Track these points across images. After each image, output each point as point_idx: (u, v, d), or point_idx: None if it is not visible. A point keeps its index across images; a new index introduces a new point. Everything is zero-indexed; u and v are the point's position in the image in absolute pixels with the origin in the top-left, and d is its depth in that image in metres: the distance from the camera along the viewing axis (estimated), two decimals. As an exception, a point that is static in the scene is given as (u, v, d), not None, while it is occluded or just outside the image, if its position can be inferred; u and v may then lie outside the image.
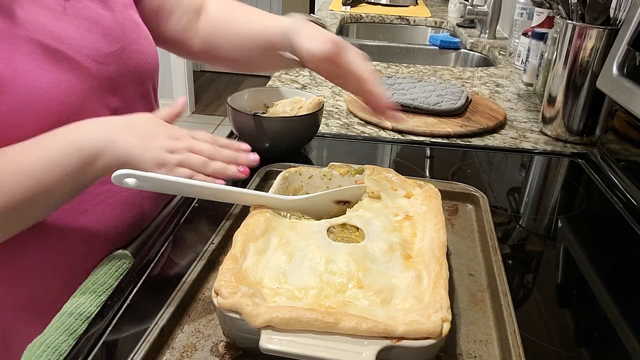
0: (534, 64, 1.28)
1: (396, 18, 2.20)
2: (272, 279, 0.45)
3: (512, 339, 0.44)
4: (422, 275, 0.46)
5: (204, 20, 0.82)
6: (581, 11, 0.90)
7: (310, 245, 0.48)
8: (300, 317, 0.39)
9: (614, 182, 0.80)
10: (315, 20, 0.72)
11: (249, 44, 0.78)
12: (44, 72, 0.56)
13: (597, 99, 0.91)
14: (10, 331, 0.63)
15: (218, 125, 3.66)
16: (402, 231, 0.53)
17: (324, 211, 0.58)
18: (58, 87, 0.57)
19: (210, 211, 0.67)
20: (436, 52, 1.86)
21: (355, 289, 0.44)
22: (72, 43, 0.60)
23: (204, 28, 0.82)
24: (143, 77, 0.71)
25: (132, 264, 0.61)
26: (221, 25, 0.81)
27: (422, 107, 1.03)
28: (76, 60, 0.60)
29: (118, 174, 0.49)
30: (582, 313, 0.54)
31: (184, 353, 0.45)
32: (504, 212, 0.72)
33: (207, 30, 0.82)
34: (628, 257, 0.64)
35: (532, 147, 0.95)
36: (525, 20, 1.54)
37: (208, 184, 0.53)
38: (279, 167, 0.73)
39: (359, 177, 0.62)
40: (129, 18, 0.70)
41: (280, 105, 0.85)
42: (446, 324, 0.40)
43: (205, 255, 0.54)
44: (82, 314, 0.54)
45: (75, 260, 0.64)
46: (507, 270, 0.55)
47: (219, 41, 0.81)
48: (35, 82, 0.55)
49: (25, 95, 0.54)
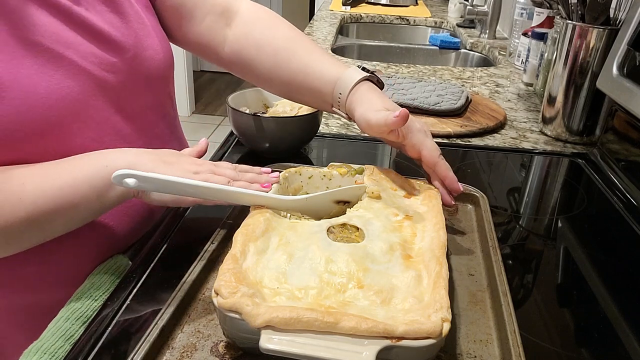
0: (534, 64, 1.28)
1: (396, 18, 2.20)
2: (272, 279, 0.45)
3: (512, 339, 0.44)
4: (422, 275, 0.46)
5: (237, 28, 0.75)
6: (581, 11, 0.90)
7: (310, 245, 0.48)
8: (301, 317, 0.39)
9: (614, 182, 0.80)
10: (371, 77, 0.66)
11: (290, 79, 0.71)
12: (44, 77, 0.55)
13: (597, 99, 0.91)
14: (4, 338, 0.63)
15: (218, 125, 3.66)
16: (402, 231, 0.53)
17: (324, 211, 0.58)
18: (58, 92, 0.55)
19: (210, 211, 0.67)
20: (436, 52, 1.86)
21: (355, 289, 0.44)
22: (79, 49, 0.58)
23: (235, 37, 0.75)
24: (155, 84, 0.69)
25: (129, 266, 0.61)
26: (260, 44, 0.73)
27: (422, 107, 1.03)
28: (81, 67, 0.58)
29: (118, 174, 0.49)
30: (582, 313, 0.54)
31: (184, 353, 0.45)
32: (504, 212, 0.72)
33: (241, 42, 0.74)
34: (628, 257, 0.64)
35: (532, 147, 0.95)
36: (525, 20, 1.54)
37: (208, 184, 0.53)
38: (278, 167, 0.73)
39: (358, 177, 0.62)
40: (142, 23, 0.67)
41: (280, 105, 0.85)
42: (446, 323, 0.40)
43: (205, 256, 0.54)
44: (79, 318, 0.53)
45: (75, 269, 0.62)
46: (507, 270, 0.55)
47: (253, 60, 0.74)
48: (34, 86, 0.54)
49: (24, 100, 0.53)
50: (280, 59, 0.72)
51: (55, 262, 0.62)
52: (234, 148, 0.87)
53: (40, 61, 0.55)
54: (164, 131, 0.74)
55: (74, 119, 0.57)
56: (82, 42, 0.59)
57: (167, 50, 0.71)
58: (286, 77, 0.72)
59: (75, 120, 0.58)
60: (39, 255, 0.60)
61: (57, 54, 0.56)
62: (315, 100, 0.71)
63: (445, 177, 0.62)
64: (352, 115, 0.65)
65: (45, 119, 0.55)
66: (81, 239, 0.62)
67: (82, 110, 0.58)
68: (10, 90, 0.52)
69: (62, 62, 0.56)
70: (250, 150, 0.85)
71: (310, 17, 4.04)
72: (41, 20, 0.56)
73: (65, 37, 0.57)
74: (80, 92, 0.58)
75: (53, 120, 0.55)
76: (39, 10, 0.56)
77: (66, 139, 0.57)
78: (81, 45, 0.58)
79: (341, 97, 0.65)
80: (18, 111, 0.53)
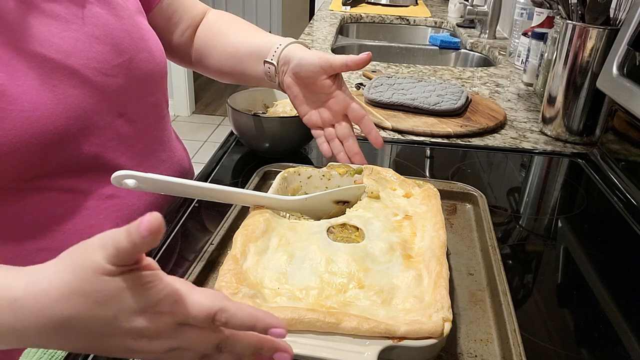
0: (534, 64, 1.28)
1: (396, 18, 2.20)
2: (272, 279, 0.45)
3: (512, 338, 0.44)
4: (422, 275, 0.46)
5: (200, 29, 0.83)
6: (581, 11, 0.90)
7: (311, 246, 0.48)
8: (302, 318, 0.39)
9: (614, 182, 0.80)
10: (304, 42, 0.73)
11: (239, 55, 0.78)
12: (50, 88, 0.55)
13: (597, 99, 0.91)
14: None
15: (218, 125, 3.66)
16: (402, 231, 0.53)
17: (324, 211, 0.58)
18: (64, 102, 0.56)
19: (210, 211, 0.67)
20: (436, 52, 1.86)
21: (356, 289, 0.44)
22: (79, 56, 0.58)
23: (198, 37, 0.83)
24: (152, 85, 0.70)
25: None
26: (216, 36, 0.81)
27: (422, 107, 1.03)
28: (83, 75, 0.58)
29: (117, 175, 0.49)
30: (582, 313, 0.54)
31: (185, 353, 0.44)
32: (504, 212, 0.72)
33: (201, 39, 0.82)
34: (628, 257, 0.64)
35: (532, 147, 0.95)
36: (525, 20, 1.54)
37: (208, 185, 0.53)
38: (277, 167, 0.73)
39: (358, 177, 0.62)
40: (136, 26, 0.68)
41: (280, 105, 0.85)
42: (447, 323, 0.40)
43: (204, 256, 0.54)
44: None
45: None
46: (507, 270, 0.55)
47: (210, 51, 0.81)
48: (41, 97, 0.54)
49: (32, 112, 0.53)
50: (228, 38, 0.80)
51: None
52: (234, 148, 0.87)
53: (44, 72, 0.55)
54: (163, 132, 0.74)
55: (79, 127, 0.58)
56: (82, 48, 0.59)
57: (160, 51, 0.72)
58: (237, 57, 0.78)
59: (80, 128, 0.58)
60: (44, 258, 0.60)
61: (60, 63, 0.57)
62: (254, 63, 0.75)
63: (369, 131, 0.68)
64: (289, 62, 0.69)
65: (52, 129, 0.55)
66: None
67: (86, 118, 0.59)
68: (18, 103, 0.52)
69: (64, 71, 0.57)
70: (250, 150, 0.85)
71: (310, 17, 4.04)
72: (40, 30, 0.56)
73: (65, 46, 0.58)
74: (84, 100, 0.58)
75: (60, 130, 0.56)
76: (37, 20, 0.56)
77: (71, 147, 0.58)
78: (81, 52, 0.59)
79: (278, 49, 0.71)
80: (27, 123, 0.53)
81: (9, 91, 0.52)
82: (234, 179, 0.78)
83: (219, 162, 0.82)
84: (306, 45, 0.73)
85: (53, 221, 0.60)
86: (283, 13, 4.54)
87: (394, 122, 0.98)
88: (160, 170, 0.72)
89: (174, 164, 0.76)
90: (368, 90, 1.10)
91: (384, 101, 1.05)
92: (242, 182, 0.76)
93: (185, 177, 0.80)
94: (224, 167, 0.81)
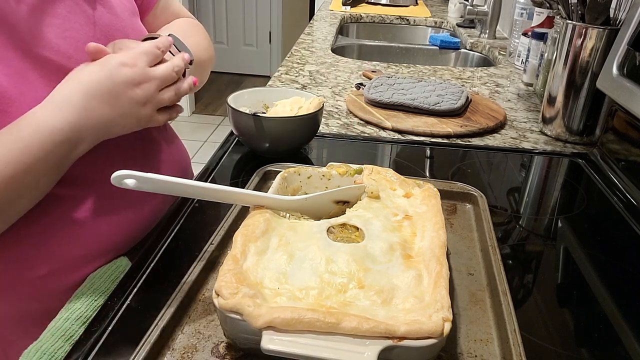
0: (534, 64, 1.28)
1: (396, 18, 2.20)
2: (272, 279, 0.45)
3: (512, 338, 0.44)
4: (422, 275, 0.46)
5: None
6: (581, 11, 0.90)
7: (311, 246, 0.48)
8: (302, 318, 0.39)
9: (614, 182, 0.80)
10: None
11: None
12: (50, 89, 0.55)
13: (597, 99, 0.91)
14: (10, 343, 0.63)
15: (218, 125, 3.66)
16: (402, 231, 0.53)
17: (324, 211, 0.58)
18: None
19: (210, 211, 0.67)
20: (436, 52, 1.86)
21: (356, 289, 0.44)
22: (79, 58, 0.59)
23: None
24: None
25: (129, 267, 0.61)
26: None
27: (422, 107, 1.03)
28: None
29: (117, 175, 0.49)
30: (582, 313, 0.54)
31: (185, 354, 0.44)
32: (504, 212, 0.72)
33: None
34: (628, 257, 0.64)
35: (532, 147, 0.95)
36: (525, 20, 1.54)
37: (208, 185, 0.53)
38: (277, 167, 0.73)
39: (357, 177, 0.62)
40: (135, 27, 0.69)
41: (280, 105, 0.85)
42: (447, 323, 0.40)
43: (204, 256, 0.54)
44: (79, 318, 0.53)
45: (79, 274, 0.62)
46: (507, 270, 0.55)
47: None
48: (41, 99, 0.54)
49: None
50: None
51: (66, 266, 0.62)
52: (234, 148, 0.87)
53: (44, 73, 0.55)
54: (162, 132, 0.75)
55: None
56: (83, 49, 0.59)
57: None
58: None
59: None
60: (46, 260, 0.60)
61: (60, 65, 0.57)
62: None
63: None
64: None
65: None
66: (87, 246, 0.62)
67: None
68: (16, 104, 0.52)
69: (65, 72, 0.57)
70: (250, 150, 0.85)
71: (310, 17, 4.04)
72: (42, 31, 0.56)
73: (66, 47, 0.58)
74: None
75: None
76: (39, 21, 0.56)
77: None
78: (82, 53, 0.59)
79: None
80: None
81: (9, 93, 0.52)
82: (234, 179, 0.78)
83: (219, 162, 0.82)
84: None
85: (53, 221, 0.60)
86: (283, 13, 4.54)
87: (394, 122, 0.98)
88: (160, 170, 0.72)
89: (173, 164, 0.76)
90: (368, 90, 1.10)
91: (384, 101, 1.05)
92: (242, 182, 0.76)
93: (185, 177, 0.80)
94: (224, 167, 0.81)
